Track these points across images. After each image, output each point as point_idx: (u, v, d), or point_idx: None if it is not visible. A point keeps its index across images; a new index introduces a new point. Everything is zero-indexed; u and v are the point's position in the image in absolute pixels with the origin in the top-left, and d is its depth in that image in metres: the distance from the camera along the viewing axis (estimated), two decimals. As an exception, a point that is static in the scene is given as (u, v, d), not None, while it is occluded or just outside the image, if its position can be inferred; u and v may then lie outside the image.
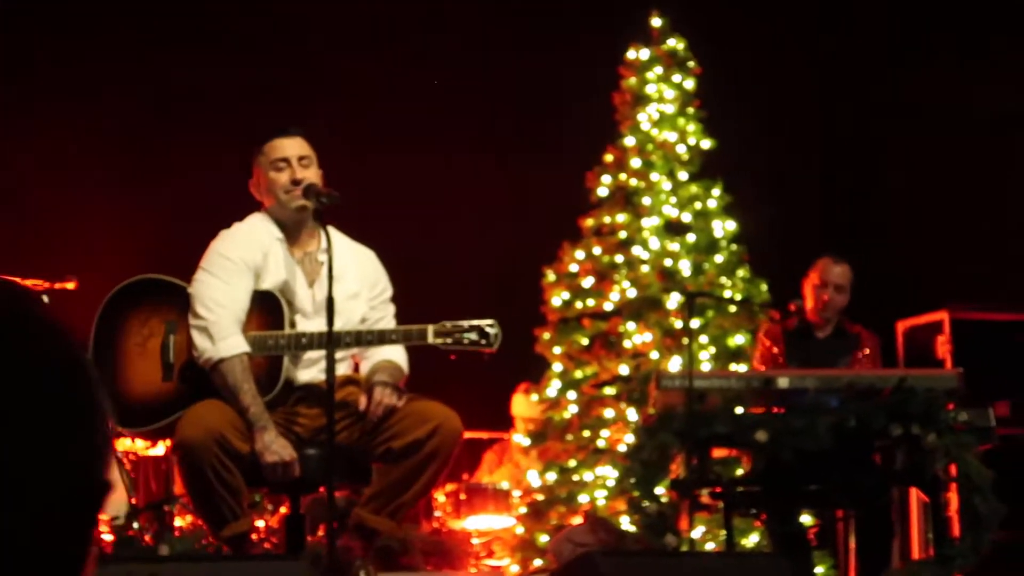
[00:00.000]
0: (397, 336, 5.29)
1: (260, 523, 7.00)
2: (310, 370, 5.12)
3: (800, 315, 7.01)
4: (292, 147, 5.17)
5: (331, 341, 4.75)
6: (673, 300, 7.75)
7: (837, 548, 6.70)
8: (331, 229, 5.12)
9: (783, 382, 6.10)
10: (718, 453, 6.31)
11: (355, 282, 5.43)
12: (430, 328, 5.21)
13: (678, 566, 4.99)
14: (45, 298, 6.27)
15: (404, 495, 5.21)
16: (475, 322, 5.22)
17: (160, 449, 6.49)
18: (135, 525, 6.35)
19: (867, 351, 7.14)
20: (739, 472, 6.38)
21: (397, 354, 5.36)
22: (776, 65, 10.42)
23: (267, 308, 5.21)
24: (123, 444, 6.41)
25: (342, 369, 5.15)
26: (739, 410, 6.04)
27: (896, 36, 11.22)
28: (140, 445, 6.60)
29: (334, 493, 4.84)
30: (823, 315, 6.97)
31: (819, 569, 6.87)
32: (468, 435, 9.55)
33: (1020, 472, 8.74)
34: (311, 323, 5.11)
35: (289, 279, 5.34)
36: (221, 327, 5.14)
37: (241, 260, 5.28)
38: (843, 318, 7.14)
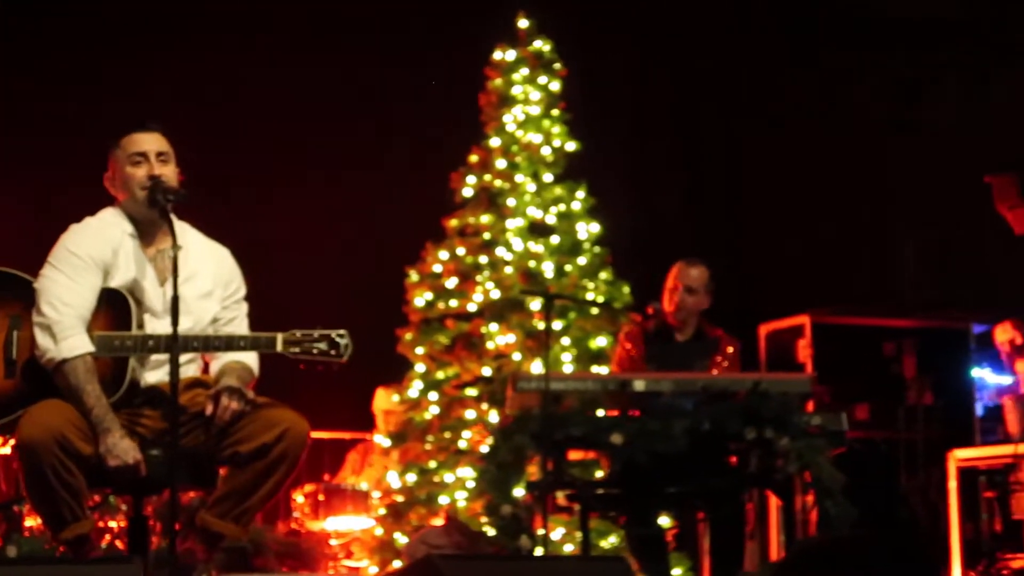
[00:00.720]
0: (246, 343, 5.21)
1: (113, 524, 6.93)
2: (157, 372, 4.99)
3: (659, 318, 7.04)
4: (150, 142, 5.05)
5: (175, 343, 4.68)
6: (535, 302, 7.77)
7: (697, 550, 6.74)
8: (185, 226, 5.06)
9: (639, 385, 6.12)
10: (576, 456, 6.27)
11: (209, 280, 5.33)
12: (279, 336, 5.15)
13: (519, 570, 4.98)
14: None
15: (250, 499, 5.13)
16: (325, 332, 5.18)
17: (7, 448, 6.32)
18: None
19: (729, 350, 7.19)
20: (598, 475, 6.28)
21: (247, 355, 5.28)
22: (641, 68, 10.51)
23: (115, 307, 5.08)
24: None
25: (191, 371, 5.10)
26: (600, 413, 6.08)
27: (760, 39, 11.35)
28: None
29: (179, 496, 4.79)
30: (677, 317, 7.01)
31: (677, 571, 6.92)
32: (331, 436, 9.53)
33: (876, 474, 8.91)
34: (161, 323, 4.98)
35: (139, 277, 5.20)
36: (64, 326, 5.03)
37: (89, 257, 5.14)
38: (703, 321, 7.18)
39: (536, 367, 7.53)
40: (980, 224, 9.07)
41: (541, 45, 8.56)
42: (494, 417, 7.55)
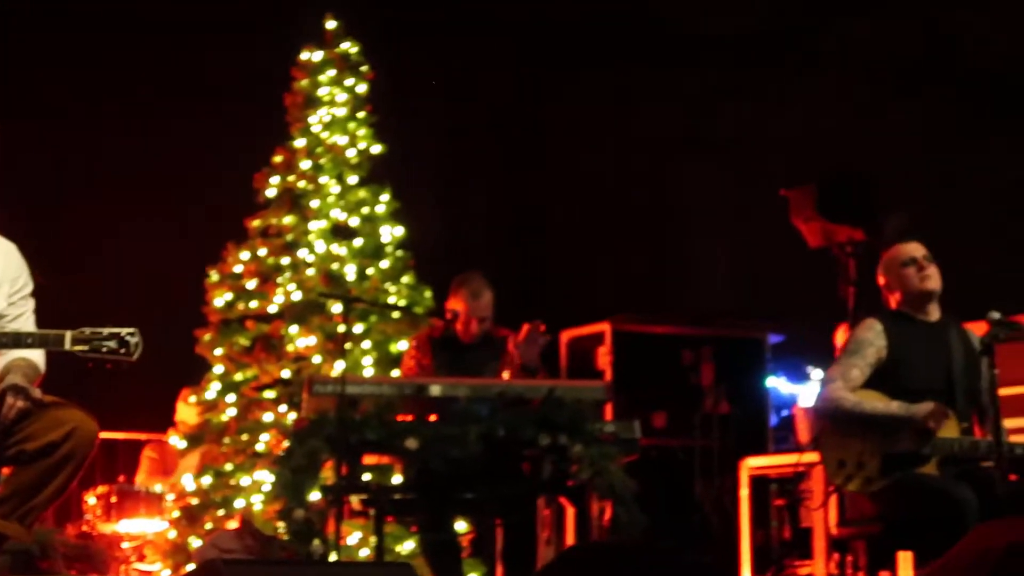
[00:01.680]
0: (34, 340, 5.15)
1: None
2: None
3: (447, 326, 7.09)
4: None
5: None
6: (336, 305, 7.78)
7: (491, 555, 6.78)
8: None
9: (435, 390, 6.13)
10: (371, 460, 6.26)
11: None
12: (68, 334, 5.09)
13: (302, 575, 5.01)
14: None
15: (35, 499, 5.06)
16: (115, 330, 5.13)
17: None
18: None
19: (511, 348, 7.23)
20: (394, 479, 6.31)
21: (34, 352, 5.22)
22: (449, 72, 10.53)
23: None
24: None
25: (-24, 368, 4.97)
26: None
27: (565, 48, 11.46)
28: None
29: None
30: (469, 337, 7.08)
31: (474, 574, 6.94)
32: (127, 436, 9.40)
33: (671, 481, 9.04)
34: None
35: None
36: None
37: None
38: (496, 325, 7.23)
39: (337, 370, 7.53)
40: (778, 237, 9.22)
41: (348, 47, 8.59)
42: (292, 419, 7.51)
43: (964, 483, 5.52)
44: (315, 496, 5.98)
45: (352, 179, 8.42)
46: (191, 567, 6.45)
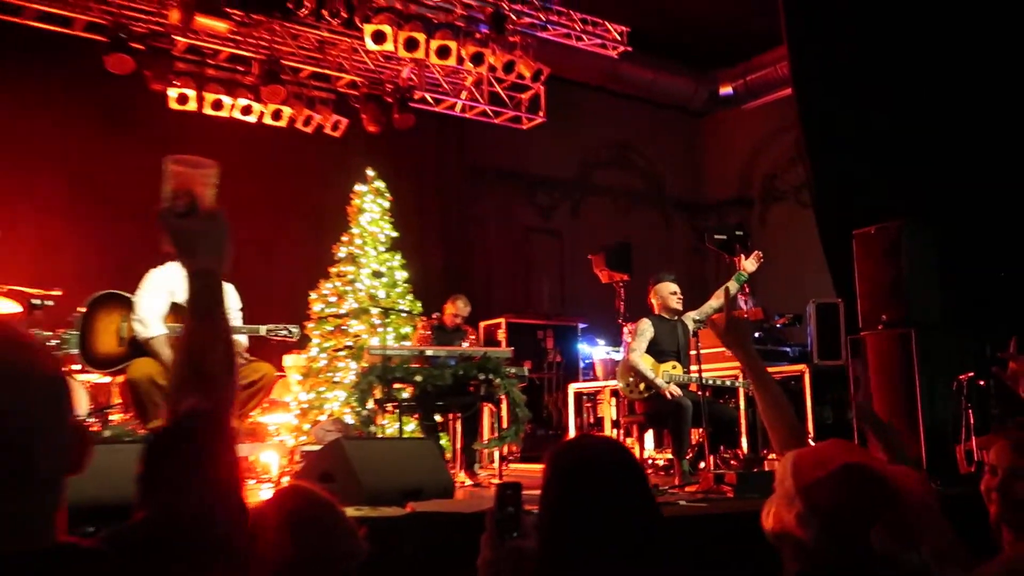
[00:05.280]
0: (247, 330, 5.18)
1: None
2: None
3: (440, 320, 7.23)
4: None
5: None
6: (376, 309, 7.79)
7: (452, 432, 6.85)
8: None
9: (429, 352, 6.29)
10: (397, 386, 6.26)
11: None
12: (262, 328, 5.19)
13: (378, 445, 5.06)
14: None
15: (241, 412, 5.12)
16: (284, 325, 5.22)
17: (107, 379, 6.00)
18: (91, 420, 5.87)
19: (471, 335, 7.39)
20: (406, 395, 6.33)
21: (242, 336, 5.20)
22: (420, 202, 10.38)
23: (175, 311, 5.06)
24: (91, 376, 5.86)
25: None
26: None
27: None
28: (99, 379, 6.11)
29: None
30: (451, 323, 7.21)
31: (443, 441, 6.95)
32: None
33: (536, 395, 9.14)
34: None
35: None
36: (150, 321, 4.98)
37: (164, 284, 5.09)
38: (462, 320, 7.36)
39: (375, 341, 7.55)
40: (588, 276, 9.34)
41: (379, 184, 8.50)
42: (356, 367, 7.45)
43: (684, 395, 5.78)
44: (369, 405, 6.03)
45: (381, 248, 8.31)
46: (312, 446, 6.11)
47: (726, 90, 12.55)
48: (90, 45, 8.31)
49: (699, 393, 5.77)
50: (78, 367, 5.36)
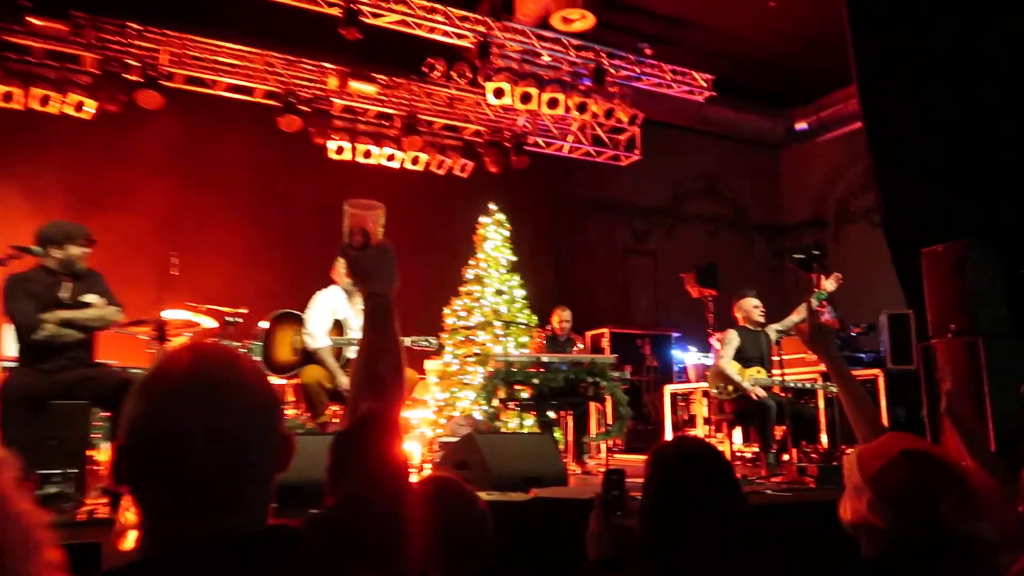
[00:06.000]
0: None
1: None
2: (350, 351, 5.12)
3: (552, 330, 7.23)
4: None
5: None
6: (497, 322, 7.87)
7: (564, 427, 6.80)
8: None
9: (545, 359, 6.27)
10: (518, 387, 6.27)
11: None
12: (408, 339, 5.29)
13: (503, 439, 5.07)
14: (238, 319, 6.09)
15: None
16: (429, 337, 5.33)
17: (283, 381, 6.23)
18: None
19: (579, 344, 7.36)
20: (525, 395, 6.33)
21: None
22: (535, 232, 10.33)
23: (336, 327, 5.28)
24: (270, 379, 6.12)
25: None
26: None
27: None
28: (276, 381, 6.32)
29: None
30: (561, 333, 7.19)
31: (557, 435, 6.92)
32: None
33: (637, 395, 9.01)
34: (356, 334, 5.13)
35: (348, 316, 5.29)
36: (317, 335, 5.16)
37: (329, 305, 5.26)
38: (570, 330, 7.33)
39: (499, 350, 7.61)
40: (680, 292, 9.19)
41: (500, 216, 8.54)
42: (483, 371, 7.46)
43: (769, 397, 5.63)
44: (494, 403, 6.01)
45: (502, 270, 8.33)
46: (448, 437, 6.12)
47: (801, 125, 12.25)
48: (268, 108, 8.78)
49: (782, 394, 5.63)
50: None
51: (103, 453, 4.56)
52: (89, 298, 3.91)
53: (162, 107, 8.09)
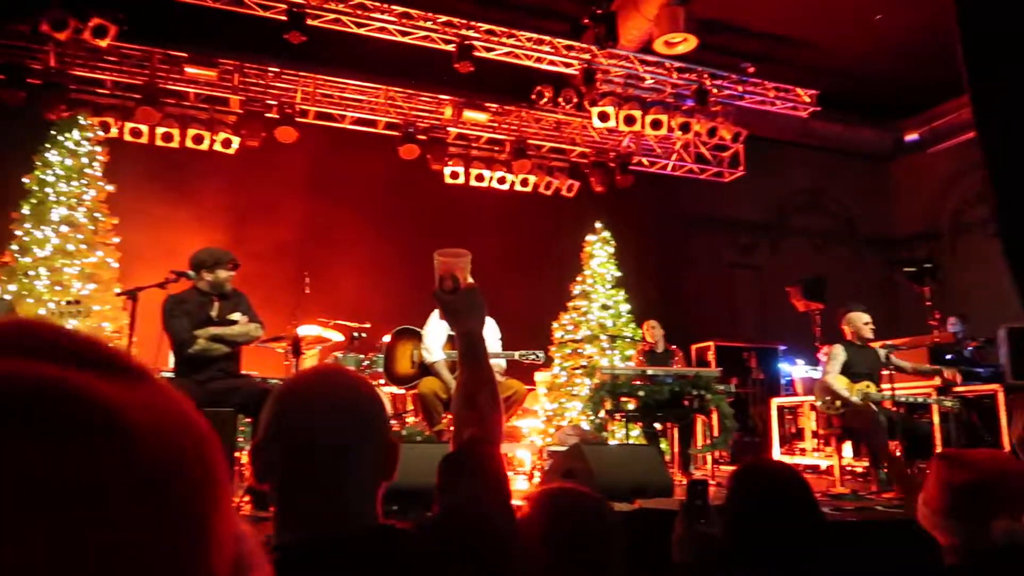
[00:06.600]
0: (506, 357, 5.36)
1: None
2: None
3: (651, 344, 7.14)
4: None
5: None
6: (603, 335, 7.83)
7: (669, 438, 6.72)
8: None
9: (650, 371, 6.19)
10: (624, 399, 6.24)
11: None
12: (516, 353, 5.34)
13: (611, 450, 5.03)
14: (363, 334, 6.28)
15: (499, 430, 5.29)
16: (535, 351, 5.37)
17: (402, 391, 6.34)
18: (392, 421, 6.21)
19: (677, 356, 7.23)
20: (631, 406, 6.29)
21: (501, 360, 5.49)
22: (637, 242, 10.19)
23: (451, 340, 5.32)
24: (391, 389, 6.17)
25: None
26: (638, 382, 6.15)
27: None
28: (399, 391, 6.48)
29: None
30: (656, 345, 7.09)
31: (663, 446, 6.83)
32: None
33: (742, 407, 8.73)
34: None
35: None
36: (431, 350, 5.28)
37: (437, 320, 5.38)
38: (666, 343, 7.21)
39: (605, 362, 7.57)
40: (785, 304, 8.88)
41: (606, 234, 8.52)
42: (590, 383, 7.46)
43: (880, 411, 5.36)
44: (601, 414, 6.02)
45: (608, 286, 8.28)
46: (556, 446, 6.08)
47: (912, 136, 11.60)
48: (389, 138, 9.11)
49: (894, 409, 5.34)
50: (383, 382, 5.81)
51: (246, 456, 4.81)
52: (235, 316, 4.18)
53: (296, 140, 8.54)
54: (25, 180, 6.65)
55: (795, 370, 9.01)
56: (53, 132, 6.91)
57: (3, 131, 7.32)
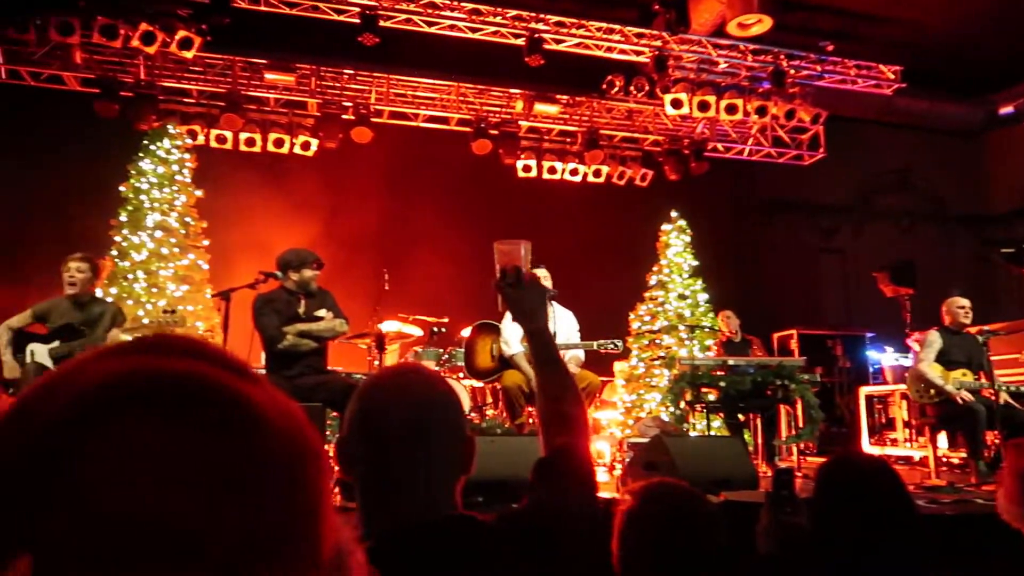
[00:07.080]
0: (584, 347, 5.38)
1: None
2: None
3: (729, 334, 7.03)
4: None
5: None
6: (681, 326, 7.73)
7: (752, 429, 6.60)
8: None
9: (731, 361, 6.10)
10: (705, 390, 6.15)
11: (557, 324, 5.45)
12: (595, 343, 5.32)
13: (692, 442, 4.99)
14: (442, 328, 6.35)
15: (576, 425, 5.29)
16: (613, 340, 5.36)
17: (480, 384, 6.35)
18: (472, 414, 6.17)
19: (755, 345, 7.10)
20: (711, 397, 6.20)
21: (580, 352, 5.49)
22: (713, 230, 10.05)
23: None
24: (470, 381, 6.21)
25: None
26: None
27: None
28: (478, 385, 6.49)
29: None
30: (734, 336, 6.97)
31: (747, 437, 6.73)
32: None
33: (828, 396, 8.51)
34: None
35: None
36: (510, 344, 5.32)
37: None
38: (744, 333, 7.09)
39: (684, 352, 7.47)
40: (873, 289, 8.61)
41: (681, 222, 8.41)
42: (668, 373, 7.39)
43: (977, 400, 5.16)
44: (681, 405, 5.97)
45: (685, 275, 8.16)
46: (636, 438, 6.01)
47: (1006, 109, 10.98)
48: (462, 135, 9.19)
49: (993, 398, 5.10)
50: (463, 376, 5.87)
51: (333, 450, 4.97)
52: (321, 313, 4.33)
53: (371, 140, 8.71)
54: (122, 188, 7.00)
55: (884, 358, 8.69)
56: (145, 142, 7.25)
57: (100, 142, 7.73)
